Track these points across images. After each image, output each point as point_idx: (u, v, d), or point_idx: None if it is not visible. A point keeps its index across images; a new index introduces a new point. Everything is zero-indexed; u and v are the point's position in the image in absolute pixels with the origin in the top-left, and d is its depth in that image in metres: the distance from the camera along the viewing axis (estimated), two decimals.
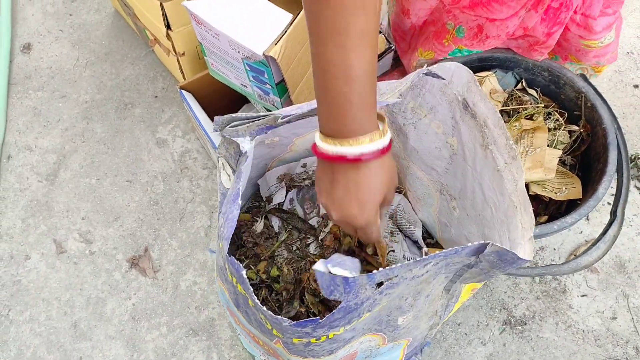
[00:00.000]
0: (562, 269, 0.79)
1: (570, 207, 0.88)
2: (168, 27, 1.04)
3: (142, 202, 1.14)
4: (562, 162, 0.92)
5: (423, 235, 0.88)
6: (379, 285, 0.54)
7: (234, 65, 0.91)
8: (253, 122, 0.61)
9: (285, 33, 0.82)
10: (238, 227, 0.84)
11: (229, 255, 0.56)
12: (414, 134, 0.76)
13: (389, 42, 1.09)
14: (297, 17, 0.84)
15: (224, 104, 1.10)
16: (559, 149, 0.90)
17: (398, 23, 1.03)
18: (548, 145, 0.90)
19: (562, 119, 0.94)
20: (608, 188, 0.83)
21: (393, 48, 1.10)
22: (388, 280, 0.54)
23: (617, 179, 0.87)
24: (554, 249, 1.08)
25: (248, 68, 0.88)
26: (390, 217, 0.87)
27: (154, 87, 1.29)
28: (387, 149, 0.52)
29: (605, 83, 1.27)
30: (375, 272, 0.50)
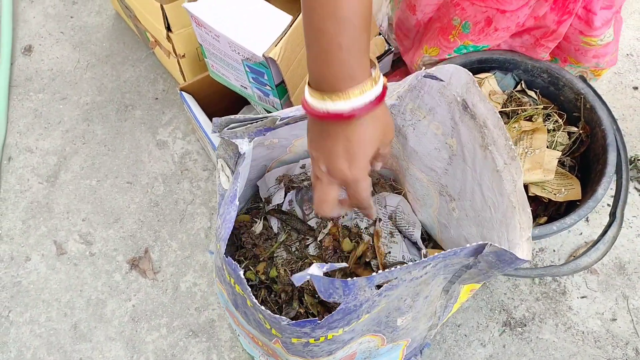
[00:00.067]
0: (561, 270, 0.79)
1: (570, 208, 0.88)
2: (168, 29, 1.04)
3: (142, 203, 1.14)
4: (561, 163, 0.92)
5: (422, 236, 0.88)
6: (378, 287, 0.54)
7: (234, 67, 0.91)
8: (251, 124, 0.61)
9: (285, 34, 0.82)
10: (237, 228, 0.84)
11: (226, 256, 0.56)
12: (413, 135, 0.77)
13: (389, 44, 1.09)
14: (296, 18, 0.84)
15: (224, 106, 1.10)
16: (558, 150, 0.90)
17: (403, 20, 1.03)
18: (547, 147, 0.90)
19: (561, 121, 0.94)
20: (607, 189, 0.83)
21: (393, 50, 1.10)
22: (387, 282, 0.54)
23: (616, 181, 0.87)
24: (554, 251, 1.08)
25: (248, 69, 0.88)
26: (390, 218, 0.87)
27: (155, 89, 1.29)
28: (380, 99, 0.49)
29: (605, 85, 1.28)
30: (375, 274, 0.50)
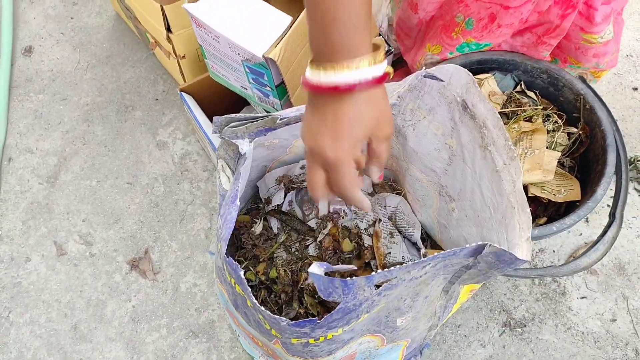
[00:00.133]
0: (561, 271, 0.80)
1: (570, 209, 0.88)
2: (168, 29, 1.05)
3: (142, 204, 1.14)
4: (561, 164, 0.93)
5: (422, 237, 0.88)
6: (377, 287, 0.54)
7: (234, 68, 0.91)
8: (252, 123, 0.61)
9: (285, 35, 0.82)
10: (237, 228, 0.84)
11: (227, 256, 0.56)
12: (413, 136, 0.77)
13: (388, 44, 1.09)
14: (297, 19, 0.84)
15: (224, 106, 1.10)
16: (558, 151, 0.90)
17: (404, 19, 1.03)
18: (547, 147, 0.90)
19: (560, 121, 0.94)
20: (607, 190, 0.84)
21: (393, 51, 1.10)
22: (386, 282, 0.54)
23: (615, 181, 0.87)
24: (554, 251, 1.08)
25: (248, 70, 0.88)
26: (390, 218, 0.88)
27: (155, 89, 1.29)
28: (377, 81, 0.48)
29: (605, 86, 1.28)
30: (374, 273, 0.50)
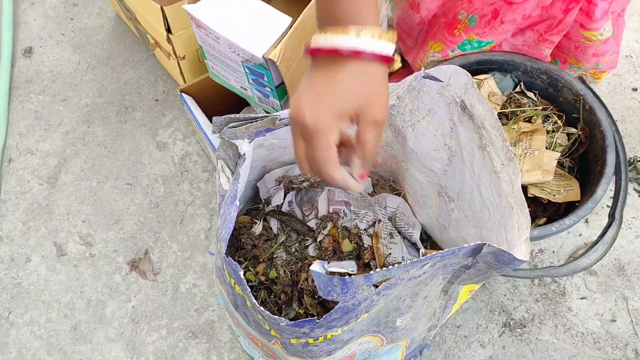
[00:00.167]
0: (560, 271, 0.80)
1: (569, 209, 0.88)
2: (169, 30, 1.05)
3: (142, 205, 1.14)
4: (560, 164, 0.93)
5: (422, 237, 0.88)
6: (377, 287, 0.54)
7: (234, 68, 0.91)
8: (251, 123, 0.61)
9: (285, 36, 0.82)
10: (237, 229, 0.84)
11: (227, 257, 0.56)
12: (413, 136, 0.77)
13: None
14: (296, 20, 0.84)
15: (224, 107, 1.10)
16: (557, 152, 0.90)
17: (405, 19, 1.03)
18: (546, 148, 0.90)
19: (560, 122, 0.94)
20: (606, 190, 0.84)
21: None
22: (385, 281, 0.54)
23: (615, 182, 0.87)
24: (553, 252, 1.08)
25: (248, 71, 0.88)
26: (390, 219, 0.88)
27: (155, 90, 1.30)
28: (376, 57, 0.46)
29: (604, 86, 1.28)
30: (373, 272, 0.50)
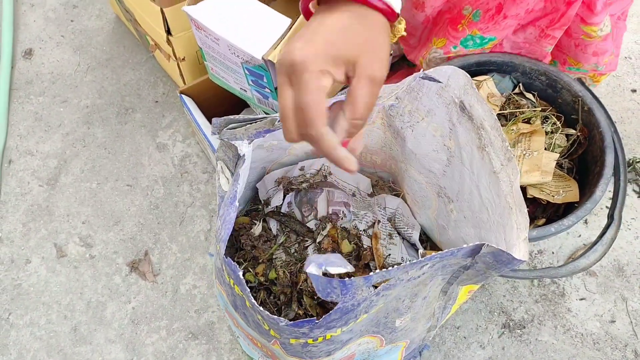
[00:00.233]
0: (559, 272, 0.80)
1: (568, 210, 0.88)
2: (168, 32, 1.05)
3: (142, 206, 1.15)
4: (559, 165, 0.93)
5: (421, 238, 0.88)
6: (376, 287, 0.55)
7: (234, 70, 0.91)
8: (251, 124, 0.62)
9: (285, 37, 0.83)
10: (237, 230, 0.84)
11: (226, 257, 0.56)
12: (412, 137, 0.77)
13: None
14: (296, 21, 0.84)
15: (224, 109, 1.10)
16: (556, 152, 0.91)
17: (408, 19, 1.03)
18: (545, 149, 0.90)
19: (559, 123, 0.94)
20: (605, 191, 0.84)
21: (392, 52, 1.11)
22: (384, 282, 0.54)
23: (614, 183, 0.87)
24: (553, 253, 1.08)
25: (247, 72, 0.88)
26: (389, 220, 0.88)
27: (155, 92, 1.30)
28: (375, 7, 0.46)
29: (603, 87, 1.28)
30: (372, 273, 0.50)
